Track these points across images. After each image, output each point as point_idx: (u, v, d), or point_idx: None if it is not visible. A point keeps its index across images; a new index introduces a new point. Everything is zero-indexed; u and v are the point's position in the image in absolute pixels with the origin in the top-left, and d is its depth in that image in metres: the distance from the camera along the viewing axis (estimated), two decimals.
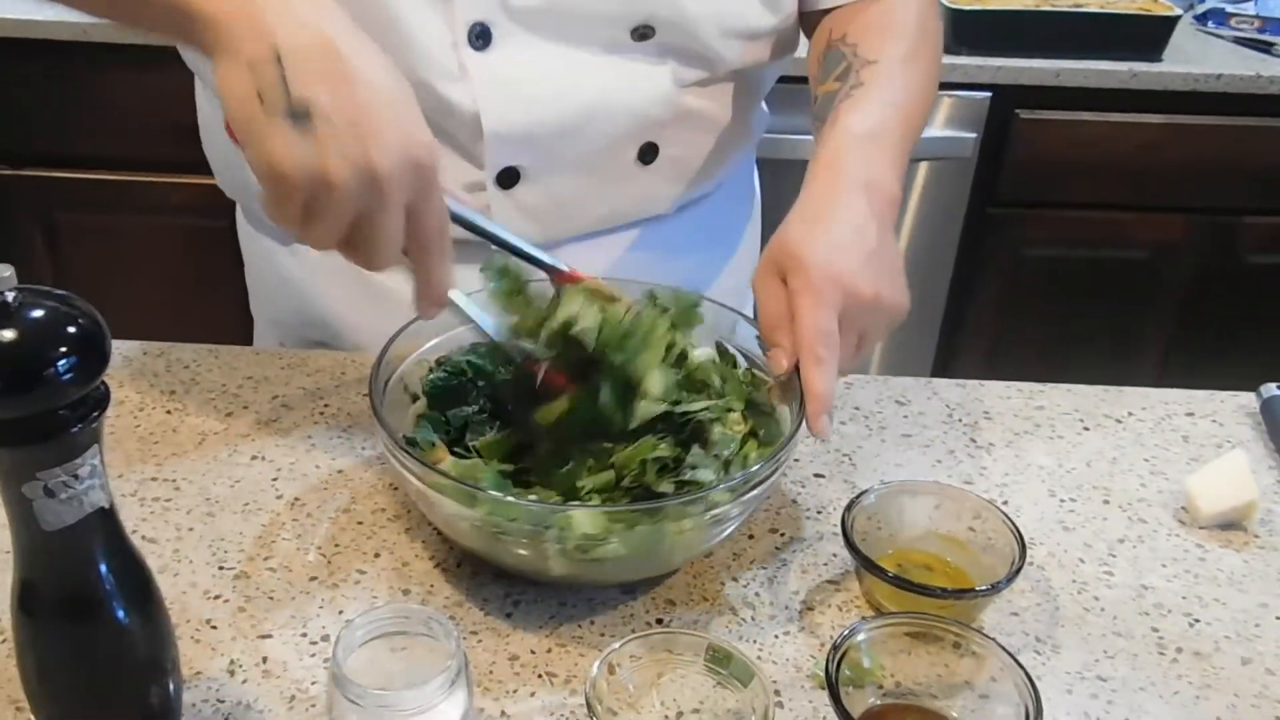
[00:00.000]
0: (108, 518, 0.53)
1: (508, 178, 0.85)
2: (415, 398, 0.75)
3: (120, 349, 0.93)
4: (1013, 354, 1.96)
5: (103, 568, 0.53)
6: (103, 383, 0.51)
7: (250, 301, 1.03)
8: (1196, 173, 1.81)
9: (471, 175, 0.84)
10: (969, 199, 1.84)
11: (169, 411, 0.86)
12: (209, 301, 1.05)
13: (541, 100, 0.82)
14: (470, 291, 0.70)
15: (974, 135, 1.78)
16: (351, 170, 0.56)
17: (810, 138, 0.80)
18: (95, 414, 0.50)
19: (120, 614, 0.54)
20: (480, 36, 0.79)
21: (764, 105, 0.98)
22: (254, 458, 0.81)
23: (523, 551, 0.66)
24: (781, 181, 1.05)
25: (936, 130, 1.76)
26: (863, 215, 0.71)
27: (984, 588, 0.66)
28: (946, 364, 1.98)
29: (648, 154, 0.88)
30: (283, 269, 0.95)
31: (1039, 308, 1.93)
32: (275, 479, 0.79)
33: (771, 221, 1.08)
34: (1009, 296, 1.92)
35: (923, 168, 1.81)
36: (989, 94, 1.75)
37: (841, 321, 0.68)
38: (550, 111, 0.82)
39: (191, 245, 1.63)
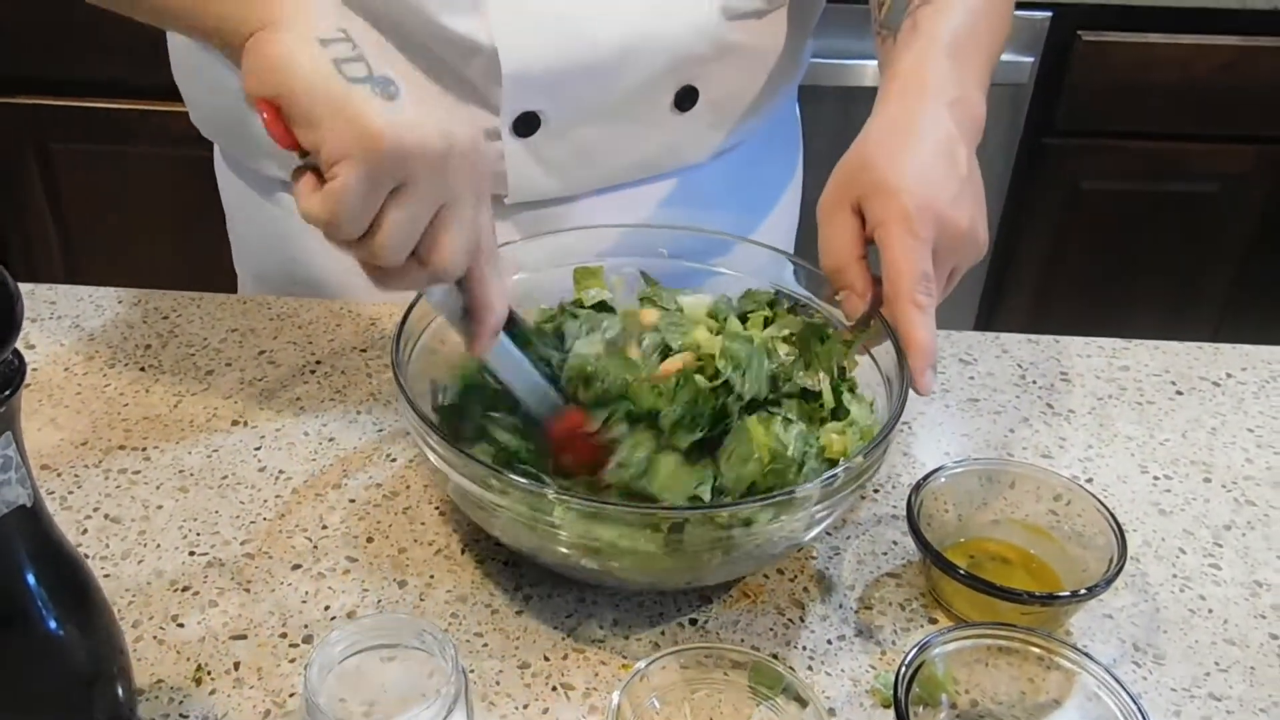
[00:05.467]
0: (30, 517, 0.44)
1: (525, 124, 0.73)
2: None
3: (92, 296, 0.83)
4: (1063, 296, 1.84)
5: (28, 575, 0.45)
6: (15, 354, 0.41)
7: (233, 255, 0.93)
8: (1272, 100, 1.67)
9: (485, 121, 0.73)
10: (1023, 128, 1.70)
11: (143, 369, 0.76)
12: (210, 239, 0.97)
13: (568, 34, 0.70)
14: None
15: (1031, 59, 1.64)
16: (441, 140, 0.50)
17: (850, 63, 0.68)
18: (4, 394, 0.40)
19: (51, 624, 0.47)
20: None
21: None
22: (235, 423, 0.72)
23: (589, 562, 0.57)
24: (817, 115, 0.93)
25: None
26: (952, 135, 0.62)
27: (1079, 591, 0.56)
28: (992, 308, 1.86)
29: (685, 99, 0.76)
30: (266, 219, 0.84)
31: (1093, 247, 1.81)
32: (258, 449, 0.70)
33: (813, 165, 0.96)
34: (1062, 234, 1.79)
35: None
36: (1049, 14, 1.61)
37: (933, 258, 0.59)
38: (578, 47, 0.71)
39: (192, 178, 1.53)
